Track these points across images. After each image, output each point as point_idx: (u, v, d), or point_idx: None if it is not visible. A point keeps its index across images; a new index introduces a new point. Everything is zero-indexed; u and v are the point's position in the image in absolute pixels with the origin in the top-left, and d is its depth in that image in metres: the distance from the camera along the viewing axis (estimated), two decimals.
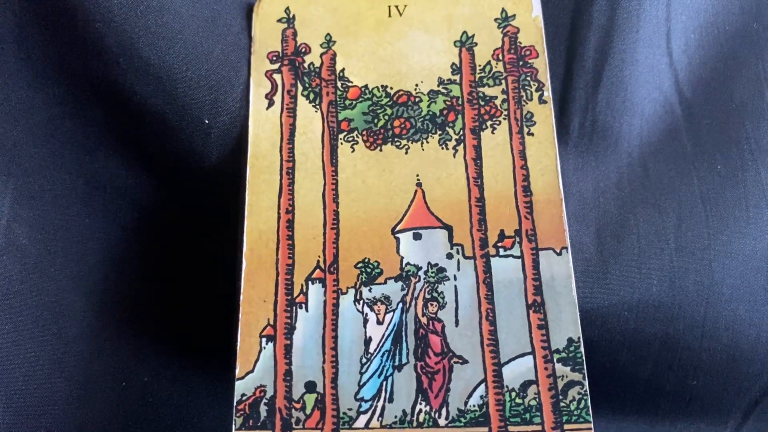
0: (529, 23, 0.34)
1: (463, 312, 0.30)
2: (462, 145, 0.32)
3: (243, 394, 0.29)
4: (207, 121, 0.33)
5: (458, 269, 0.30)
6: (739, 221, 0.33)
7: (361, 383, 0.29)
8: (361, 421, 0.29)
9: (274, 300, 0.30)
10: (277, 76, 0.34)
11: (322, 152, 0.32)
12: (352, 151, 0.32)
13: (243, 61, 0.34)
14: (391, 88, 0.33)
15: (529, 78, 0.33)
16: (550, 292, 0.30)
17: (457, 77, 0.33)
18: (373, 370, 0.29)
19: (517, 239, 0.30)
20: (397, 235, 0.31)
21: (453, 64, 0.33)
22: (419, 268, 0.30)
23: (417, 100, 0.33)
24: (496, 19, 0.34)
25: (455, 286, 0.30)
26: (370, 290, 0.30)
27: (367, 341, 0.30)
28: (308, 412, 0.29)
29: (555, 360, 0.29)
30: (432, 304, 0.30)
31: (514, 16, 0.34)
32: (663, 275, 0.32)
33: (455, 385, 0.29)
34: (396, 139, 0.32)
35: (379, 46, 0.34)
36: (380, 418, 0.29)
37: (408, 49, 0.34)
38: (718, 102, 0.35)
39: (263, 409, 0.29)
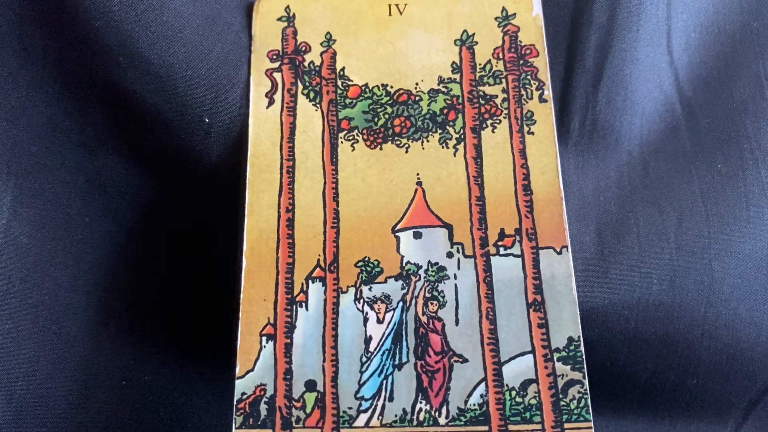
0: (529, 22, 0.34)
1: (463, 311, 0.30)
2: (462, 143, 0.32)
3: (243, 393, 0.29)
4: (207, 120, 0.33)
5: (458, 268, 0.30)
6: (740, 220, 0.33)
7: (362, 382, 0.29)
8: (362, 419, 0.29)
9: (275, 299, 0.30)
10: (277, 75, 0.34)
11: (323, 151, 0.32)
12: (353, 150, 0.32)
13: (243, 59, 0.34)
14: (392, 87, 0.33)
15: (529, 77, 0.33)
16: (551, 290, 0.30)
17: (457, 76, 0.33)
18: (374, 368, 0.29)
19: (518, 238, 0.30)
20: (397, 234, 0.31)
21: (453, 62, 0.33)
22: (419, 267, 0.30)
23: (417, 98, 0.33)
24: (496, 18, 0.34)
25: (455, 284, 0.30)
26: (370, 289, 0.30)
27: (368, 340, 0.30)
28: (308, 410, 0.29)
29: (555, 359, 0.29)
30: (432, 303, 0.30)
31: (514, 14, 0.34)
32: (663, 274, 0.32)
33: (455, 384, 0.29)
34: (396, 138, 0.32)
35: (380, 45, 0.34)
36: (380, 417, 0.29)
37: (408, 47, 0.34)
38: (719, 101, 0.35)
39: (263, 408, 0.29)
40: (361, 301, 0.30)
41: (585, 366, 0.29)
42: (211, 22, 0.33)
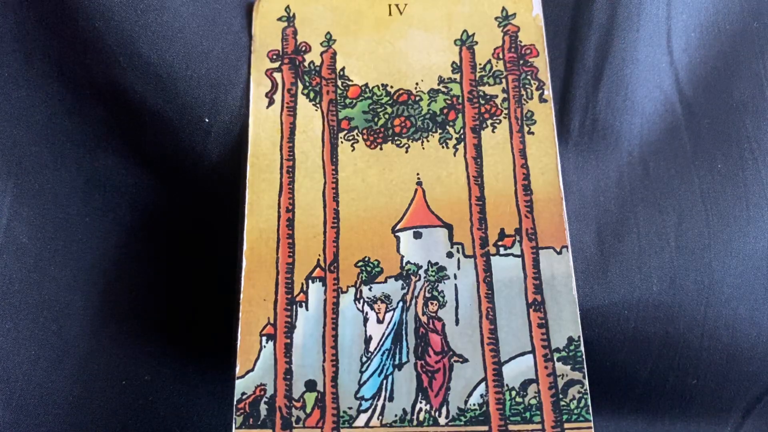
0: (529, 22, 0.34)
1: (463, 311, 0.30)
2: (462, 143, 0.32)
3: (243, 393, 0.29)
4: (207, 120, 0.33)
5: (458, 268, 0.30)
6: (740, 220, 0.33)
7: (362, 382, 0.29)
8: (362, 419, 0.29)
9: (275, 299, 0.30)
10: (277, 75, 0.34)
11: (323, 151, 0.32)
12: (353, 150, 0.32)
13: (243, 59, 0.34)
14: (392, 87, 0.33)
15: (529, 77, 0.33)
16: (551, 290, 0.30)
17: (457, 76, 0.33)
18: (374, 368, 0.29)
19: (518, 238, 0.30)
20: (397, 234, 0.31)
21: (453, 62, 0.33)
22: (419, 267, 0.30)
23: (417, 98, 0.33)
24: (496, 18, 0.34)
25: (455, 284, 0.30)
26: (370, 289, 0.30)
27: (368, 340, 0.30)
28: (308, 410, 0.29)
29: (555, 359, 0.29)
30: (432, 303, 0.30)
31: (514, 14, 0.34)
32: (663, 274, 0.32)
33: (455, 384, 0.29)
34: (396, 138, 0.32)
35: (380, 45, 0.34)
36: (380, 417, 0.29)
37: (408, 47, 0.34)
38: (719, 101, 0.35)
39: (263, 408, 0.29)
40: (361, 301, 0.30)
41: (585, 366, 0.29)
42: (211, 22, 0.33)
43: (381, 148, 0.32)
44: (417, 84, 0.33)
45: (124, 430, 0.35)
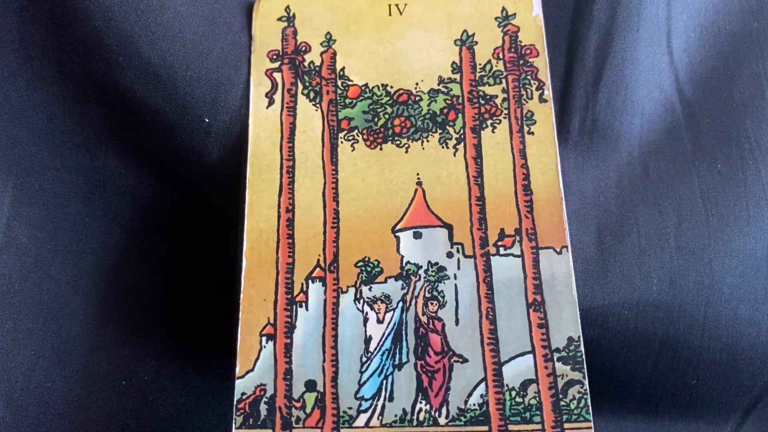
0: (529, 22, 0.34)
1: (463, 311, 0.30)
2: (462, 144, 0.32)
3: (243, 393, 0.29)
4: (207, 120, 0.33)
5: (458, 268, 0.30)
6: (740, 220, 0.33)
7: (362, 382, 0.29)
8: (362, 419, 0.29)
9: (275, 299, 0.30)
10: (277, 75, 0.34)
11: (323, 151, 0.32)
12: (353, 150, 0.32)
13: (243, 59, 0.34)
14: (392, 87, 0.33)
15: (529, 77, 0.33)
16: (551, 291, 0.30)
17: (457, 76, 0.33)
18: (374, 368, 0.29)
19: (518, 238, 0.30)
20: (397, 234, 0.31)
21: (453, 62, 0.33)
22: (419, 267, 0.30)
23: (417, 98, 0.33)
24: (496, 18, 0.34)
25: (455, 284, 0.30)
26: (370, 289, 0.30)
27: (368, 340, 0.30)
28: (308, 410, 0.29)
29: (555, 359, 0.29)
30: (432, 303, 0.30)
31: (514, 14, 0.34)
32: (663, 274, 0.32)
33: (455, 384, 0.29)
34: (396, 138, 0.32)
35: (380, 45, 0.34)
36: (380, 417, 0.29)
37: (408, 47, 0.34)
38: (719, 101, 0.35)
39: (263, 408, 0.29)
40: (361, 301, 0.30)
41: (585, 366, 0.29)
42: (211, 22, 0.33)
43: (381, 148, 0.32)
44: (417, 84, 0.33)
45: (124, 430, 0.35)
